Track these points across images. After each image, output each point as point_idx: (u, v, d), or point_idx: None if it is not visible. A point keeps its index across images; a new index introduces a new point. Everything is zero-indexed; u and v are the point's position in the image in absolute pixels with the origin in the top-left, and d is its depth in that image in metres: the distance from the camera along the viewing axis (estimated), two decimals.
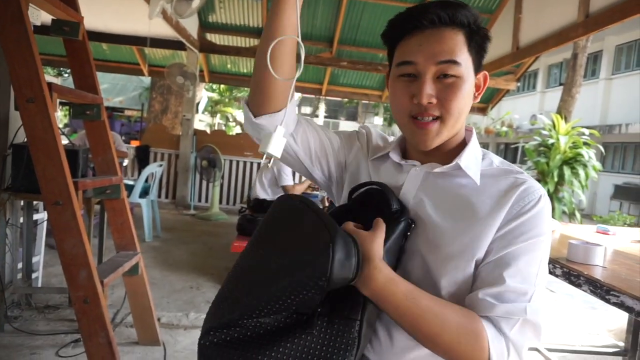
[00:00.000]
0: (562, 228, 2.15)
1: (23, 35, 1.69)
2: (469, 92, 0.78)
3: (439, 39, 0.76)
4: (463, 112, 0.79)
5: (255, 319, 0.68)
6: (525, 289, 0.71)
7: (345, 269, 0.65)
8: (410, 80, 0.78)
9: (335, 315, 0.69)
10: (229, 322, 0.69)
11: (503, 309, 0.70)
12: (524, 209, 0.74)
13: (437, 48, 0.75)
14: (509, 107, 15.54)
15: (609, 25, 3.48)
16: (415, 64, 0.76)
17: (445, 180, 0.81)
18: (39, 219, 2.84)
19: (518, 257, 0.73)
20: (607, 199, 12.46)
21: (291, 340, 0.67)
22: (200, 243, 4.76)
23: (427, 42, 0.76)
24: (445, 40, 0.76)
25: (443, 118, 0.77)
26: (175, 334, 2.53)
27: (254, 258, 0.74)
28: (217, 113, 19.27)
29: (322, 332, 0.68)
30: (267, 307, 0.67)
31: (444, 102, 0.76)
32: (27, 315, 2.56)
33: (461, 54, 0.76)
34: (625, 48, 13.11)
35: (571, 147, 6.41)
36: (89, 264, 1.73)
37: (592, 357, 2.66)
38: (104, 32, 6.32)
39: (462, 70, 0.76)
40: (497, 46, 5.64)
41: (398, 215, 0.76)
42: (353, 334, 0.68)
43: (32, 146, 1.72)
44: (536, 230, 0.74)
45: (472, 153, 0.82)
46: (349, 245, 0.66)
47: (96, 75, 2.23)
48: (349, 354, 0.67)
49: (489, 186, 0.79)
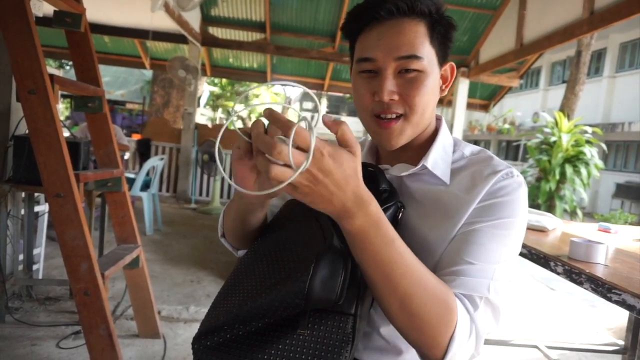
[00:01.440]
0: (564, 226, 2.14)
1: (25, 26, 1.69)
2: (433, 86, 0.75)
3: (398, 31, 0.72)
4: (428, 108, 0.75)
5: (248, 325, 0.67)
6: (488, 267, 0.67)
7: (327, 289, 0.60)
8: (371, 77, 0.74)
9: (328, 311, 0.65)
10: (221, 326, 0.68)
11: (464, 283, 0.66)
12: (497, 195, 0.72)
13: (396, 42, 0.71)
14: (511, 105, 15.50)
15: (614, 22, 3.46)
16: (375, 60, 0.73)
17: (417, 181, 0.79)
18: (40, 211, 2.84)
19: (482, 235, 0.69)
20: (608, 198, 12.45)
21: (284, 339, 0.64)
22: (200, 237, 4.77)
23: (386, 36, 0.72)
24: (405, 32, 0.72)
25: (406, 115, 0.74)
26: (176, 327, 2.54)
27: (252, 262, 0.73)
28: (219, 107, 19.25)
29: (315, 328, 0.64)
30: (254, 319, 0.65)
31: (406, 99, 0.73)
32: (28, 307, 2.56)
33: (423, 47, 0.72)
34: (629, 46, 13.04)
35: (573, 145, 6.40)
36: (89, 256, 1.73)
37: (591, 355, 2.66)
38: (106, 24, 6.31)
39: (425, 64, 0.72)
40: (501, 43, 5.61)
41: (387, 196, 0.72)
42: (347, 329, 0.64)
43: (33, 138, 1.72)
44: (506, 212, 0.71)
45: (440, 148, 0.79)
46: (335, 264, 0.62)
47: (98, 68, 2.22)
48: (344, 351, 0.64)
49: (458, 181, 0.76)
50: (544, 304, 3.77)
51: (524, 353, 2.58)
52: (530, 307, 3.62)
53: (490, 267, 0.67)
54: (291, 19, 6.36)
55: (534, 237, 1.80)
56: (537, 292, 4.11)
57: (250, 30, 6.66)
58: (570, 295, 4.01)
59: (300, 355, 0.64)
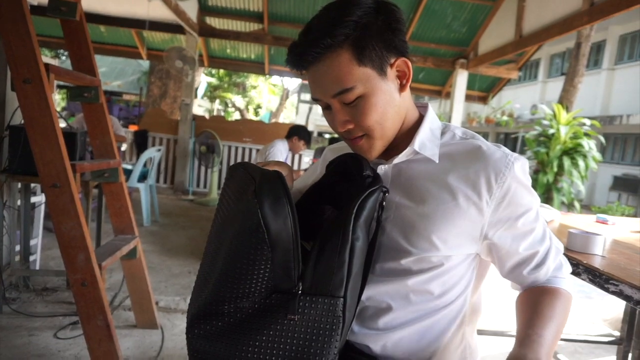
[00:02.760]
0: (562, 218, 2.15)
1: (19, 14, 1.66)
2: (382, 99, 0.75)
3: (324, 72, 0.73)
4: (385, 119, 0.77)
5: (233, 304, 0.67)
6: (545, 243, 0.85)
7: (279, 212, 0.64)
8: (329, 112, 0.79)
9: (317, 293, 0.66)
10: (209, 310, 0.68)
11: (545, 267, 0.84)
12: (502, 180, 0.77)
13: (325, 82, 0.74)
14: (510, 97, 15.47)
15: (613, 14, 3.44)
16: (320, 100, 0.78)
17: (411, 167, 0.82)
18: (37, 202, 2.83)
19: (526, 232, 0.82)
20: (605, 190, 12.49)
21: (274, 324, 0.65)
22: (198, 228, 4.77)
23: (316, 79, 0.75)
24: (329, 71, 0.72)
25: (367, 134, 0.78)
26: (173, 318, 2.54)
27: (214, 236, 0.76)
28: (216, 98, 19.15)
29: (305, 312, 0.65)
30: (234, 285, 0.66)
31: (360, 123, 0.76)
32: (25, 297, 2.56)
33: (351, 76, 0.72)
34: (629, 38, 13.00)
35: (572, 138, 6.40)
36: (87, 247, 1.73)
37: (587, 346, 2.68)
38: (102, 14, 6.25)
39: (361, 88, 0.73)
40: (500, 34, 5.58)
41: (371, 181, 0.75)
42: (337, 312, 0.66)
43: (29, 128, 1.70)
44: (525, 200, 0.80)
45: (427, 131, 0.82)
46: (275, 187, 0.65)
47: (94, 57, 2.20)
48: (334, 333, 0.66)
49: (454, 160, 0.80)
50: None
51: None
52: None
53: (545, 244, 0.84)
54: (289, 9, 6.31)
55: None
56: None
57: (248, 21, 6.61)
58: None
59: (291, 339, 0.65)
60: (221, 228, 0.73)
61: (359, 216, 0.69)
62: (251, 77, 18.19)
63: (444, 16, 6.01)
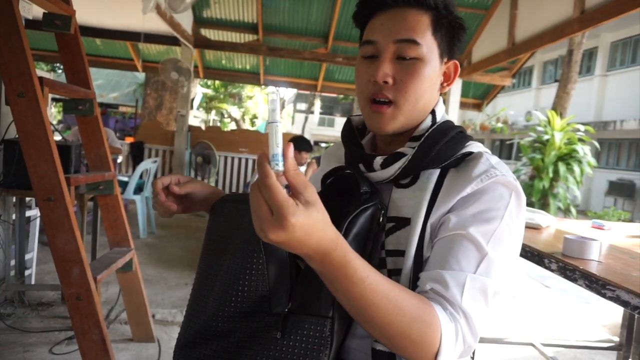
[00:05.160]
0: (558, 223, 2.15)
1: (13, 28, 1.66)
2: (430, 77, 0.74)
3: (402, 18, 0.73)
4: (422, 98, 0.74)
5: (220, 323, 0.68)
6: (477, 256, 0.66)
7: None
8: (372, 61, 0.76)
9: (305, 313, 0.65)
10: (197, 334, 0.69)
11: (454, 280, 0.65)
12: (481, 182, 0.70)
13: (397, 26, 0.73)
14: (504, 104, 15.56)
15: (604, 21, 3.48)
16: (375, 43, 0.74)
17: None
18: (32, 216, 2.81)
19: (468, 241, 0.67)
20: (601, 195, 12.54)
21: (262, 349, 0.64)
22: (194, 239, 4.74)
23: (389, 21, 0.74)
24: (407, 19, 0.73)
25: (398, 103, 0.74)
26: (170, 331, 2.52)
27: (204, 262, 0.77)
28: (212, 109, 19.19)
29: (293, 333, 0.64)
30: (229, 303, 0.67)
31: (400, 85, 0.73)
32: (20, 313, 2.53)
33: (423, 35, 0.73)
34: (620, 45, 13.15)
35: (566, 144, 6.44)
36: (82, 260, 1.71)
37: (586, 351, 2.67)
38: (97, 27, 6.26)
39: (423, 51, 0.73)
40: (493, 42, 5.63)
41: (367, 197, 0.71)
42: (325, 332, 0.64)
43: (23, 141, 1.70)
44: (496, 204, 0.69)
45: None
46: None
47: (88, 70, 2.20)
48: (322, 355, 0.64)
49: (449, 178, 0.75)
50: (539, 302, 3.78)
51: (520, 351, 2.59)
52: (525, 305, 3.63)
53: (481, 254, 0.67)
54: (283, 20, 6.35)
55: (528, 234, 1.81)
56: (532, 289, 4.12)
57: (243, 32, 6.64)
58: (564, 293, 4.03)
59: None
60: (215, 255, 0.75)
61: (348, 233, 0.66)
62: (247, 87, 18.26)
63: None
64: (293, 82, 8.17)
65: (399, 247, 0.72)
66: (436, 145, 0.73)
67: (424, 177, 0.74)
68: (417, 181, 0.75)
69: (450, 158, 0.73)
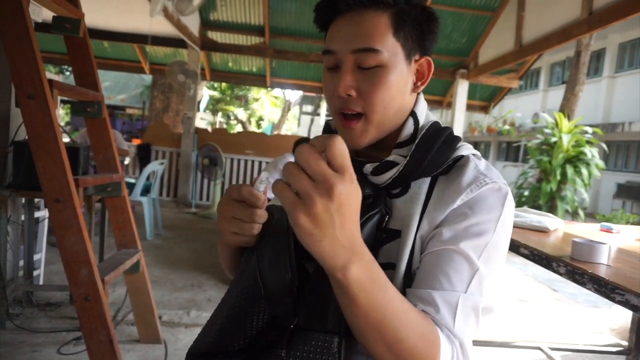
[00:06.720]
0: (566, 226, 2.13)
1: (24, 31, 1.68)
2: (397, 83, 0.69)
3: (357, 23, 0.67)
4: (391, 107, 0.69)
5: (229, 344, 0.66)
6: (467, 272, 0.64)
7: (278, 268, 0.61)
8: (335, 73, 0.71)
9: (312, 329, 0.62)
10: (209, 347, 0.67)
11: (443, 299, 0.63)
12: (471, 193, 0.67)
13: (353, 33, 0.67)
14: (511, 106, 15.49)
15: (612, 22, 3.46)
16: (335, 53, 0.69)
17: None
18: (41, 217, 2.84)
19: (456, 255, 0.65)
20: (609, 198, 12.42)
21: None
22: (201, 241, 4.76)
23: (345, 28, 0.68)
24: (363, 24, 0.67)
25: (366, 114, 0.69)
26: (177, 332, 2.53)
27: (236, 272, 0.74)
28: (219, 111, 19.25)
29: (298, 349, 0.61)
30: (234, 332, 0.64)
31: (365, 96, 0.68)
32: (29, 313, 2.55)
33: (383, 40, 0.67)
34: (628, 46, 13.05)
35: (574, 146, 6.39)
36: (89, 261, 1.73)
37: (595, 356, 2.64)
38: (105, 29, 6.32)
39: (385, 58, 0.67)
40: (500, 44, 5.62)
41: (371, 202, 0.68)
42: (333, 349, 0.60)
43: (32, 143, 1.71)
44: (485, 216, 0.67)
45: None
46: (278, 240, 0.62)
47: (97, 73, 2.22)
48: None
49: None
50: (547, 305, 3.75)
51: (528, 354, 2.57)
52: (533, 309, 3.60)
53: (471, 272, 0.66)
54: (290, 22, 6.37)
55: (536, 238, 1.79)
56: (540, 293, 4.09)
57: (249, 35, 6.67)
58: (572, 297, 4.00)
59: None
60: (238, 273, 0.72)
61: None
62: (253, 89, 18.30)
63: (444, 27, 6.05)
64: (299, 84, 8.18)
65: (390, 260, 0.68)
66: (428, 154, 0.70)
67: (415, 187, 0.71)
68: (408, 191, 0.71)
69: (442, 166, 0.70)
